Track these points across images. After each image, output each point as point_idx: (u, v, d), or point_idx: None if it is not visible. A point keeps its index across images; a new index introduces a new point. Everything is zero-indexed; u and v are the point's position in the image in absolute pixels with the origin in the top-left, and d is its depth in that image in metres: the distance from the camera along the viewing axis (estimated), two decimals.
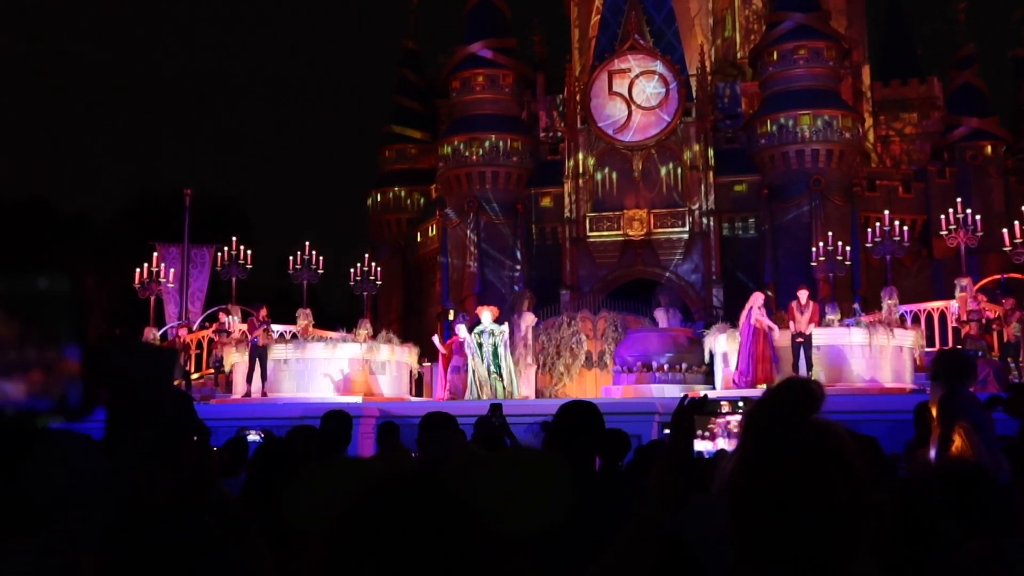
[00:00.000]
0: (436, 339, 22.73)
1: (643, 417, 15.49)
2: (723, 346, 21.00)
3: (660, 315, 25.54)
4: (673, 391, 19.98)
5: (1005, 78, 43.19)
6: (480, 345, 21.02)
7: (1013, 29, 42.08)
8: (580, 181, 34.60)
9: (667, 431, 2.43)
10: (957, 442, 5.29)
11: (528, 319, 24.79)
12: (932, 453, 5.40)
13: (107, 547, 2.11)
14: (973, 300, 21.94)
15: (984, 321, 21.37)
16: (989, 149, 35.95)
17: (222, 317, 24.63)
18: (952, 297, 23.79)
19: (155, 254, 27.02)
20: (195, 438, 2.71)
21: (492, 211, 35.58)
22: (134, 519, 2.33)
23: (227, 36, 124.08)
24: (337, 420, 6.28)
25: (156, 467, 2.44)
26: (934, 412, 5.51)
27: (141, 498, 2.43)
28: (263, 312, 21.48)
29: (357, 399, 20.11)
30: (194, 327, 26.78)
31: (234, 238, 27.12)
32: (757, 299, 20.39)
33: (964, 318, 21.88)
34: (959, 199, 26.31)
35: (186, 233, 28.95)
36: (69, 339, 1.49)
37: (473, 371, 20.95)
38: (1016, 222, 22.57)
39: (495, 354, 20.97)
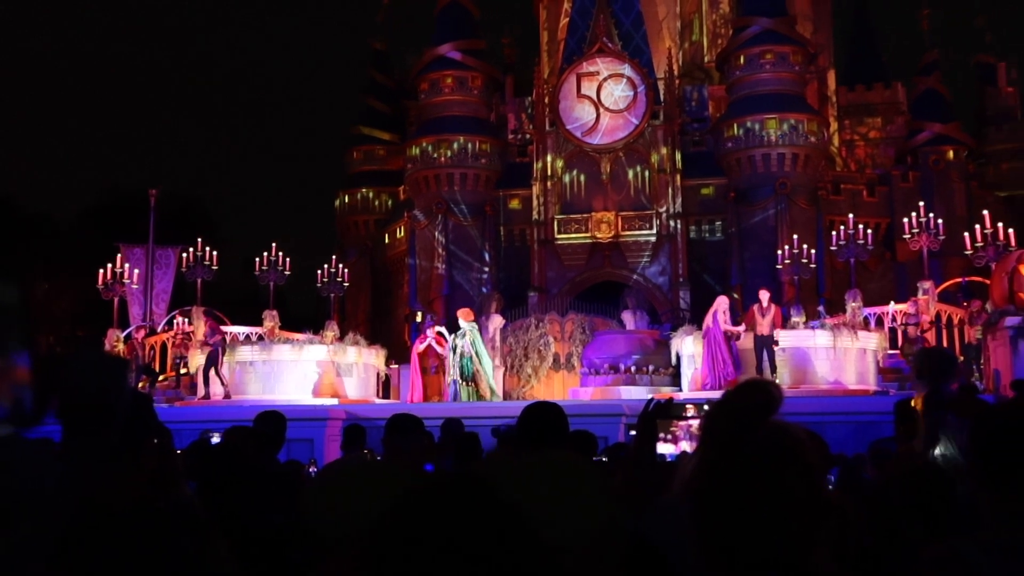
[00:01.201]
0: (438, 346, 21.86)
1: (610, 419, 15.53)
2: (690, 348, 21.09)
3: (627, 317, 25.62)
4: (640, 393, 20.02)
5: (968, 84, 43.84)
6: (455, 348, 21.05)
7: (976, 35, 42.77)
8: (548, 183, 34.66)
9: (633, 433, 2.43)
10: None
11: (496, 321, 24.78)
12: (919, 449, 5.48)
13: (67, 553, 2.08)
14: (911, 303, 22.43)
15: (925, 326, 21.84)
16: (952, 154, 36.48)
17: (178, 318, 24.56)
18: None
19: (119, 255, 26.71)
20: (155, 440, 2.68)
21: (460, 213, 35.57)
22: (94, 524, 2.30)
23: (193, 34, 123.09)
24: (270, 421, 6.22)
25: (116, 471, 2.40)
26: (919, 409, 5.59)
27: (101, 502, 2.39)
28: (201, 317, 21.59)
29: (324, 401, 20.00)
30: (158, 329, 26.52)
31: (200, 239, 26.88)
32: (722, 303, 20.45)
33: (901, 321, 22.43)
34: (922, 203, 26.64)
35: (151, 234, 28.65)
36: (18, 347, 1.47)
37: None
38: (977, 226, 22.88)
39: (462, 355, 20.96)
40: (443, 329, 21.99)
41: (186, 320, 24.25)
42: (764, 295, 20.12)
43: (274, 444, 6.06)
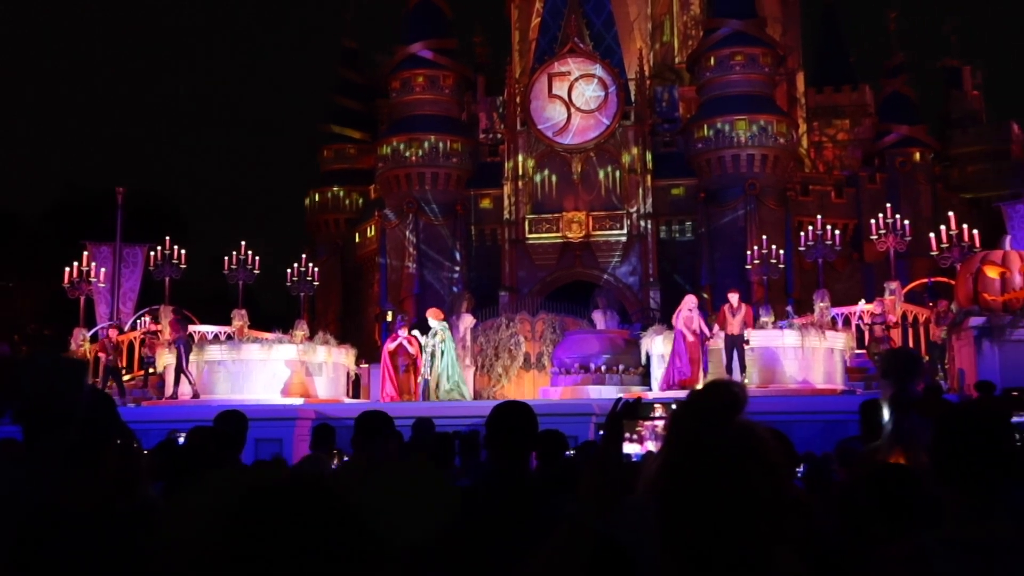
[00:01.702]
0: (408, 345, 21.51)
1: (580, 419, 15.53)
2: (660, 348, 21.15)
3: (598, 317, 25.68)
4: (610, 392, 20.06)
5: (934, 87, 44.37)
6: (425, 347, 21.05)
7: (942, 39, 43.29)
8: (519, 183, 34.69)
9: (601, 432, 2.44)
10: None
11: (466, 321, 24.75)
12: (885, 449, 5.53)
13: (25, 554, 2.05)
14: (878, 303, 22.68)
15: (890, 325, 22.13)
16: (918, 156, 36.94)
17: (145, 317, 24.33)
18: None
19: (85, 253, 26.39)
20: (118, 441, 2.65)
21: (431, 212, 35.52)
22: (54, 525, 2.27)
23: (163, 33, 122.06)
24: (230, 421, 6.15)
25: (77, 472, 2.37)
26: (886, 410, 5.63)
27: (62, 504, 2.36)
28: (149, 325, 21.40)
29: (294, 401, 19.88)
30: (125, 328, 26.26)
31: (168, 237, 26.65)
32: (688, 302, 20.49)
33: (868, 321, 22.70)
34: (889, 204, 26.92)
35: (118, 232, 28.35)
36: None
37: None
38: (943, 227, 23.15)
39: (432, 355, 20.95)
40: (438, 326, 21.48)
41: (150, 319, 23.99)
42: (733, 296, 20.20)
43: (236, 444, 5.98)
